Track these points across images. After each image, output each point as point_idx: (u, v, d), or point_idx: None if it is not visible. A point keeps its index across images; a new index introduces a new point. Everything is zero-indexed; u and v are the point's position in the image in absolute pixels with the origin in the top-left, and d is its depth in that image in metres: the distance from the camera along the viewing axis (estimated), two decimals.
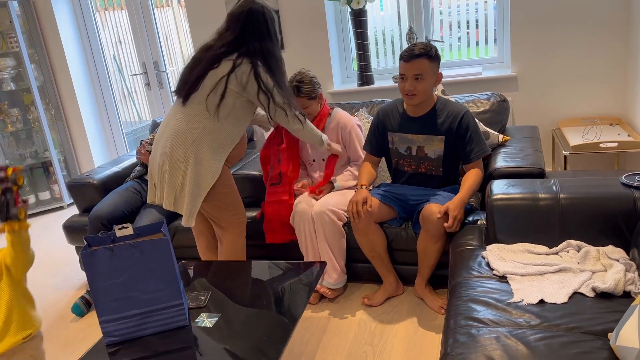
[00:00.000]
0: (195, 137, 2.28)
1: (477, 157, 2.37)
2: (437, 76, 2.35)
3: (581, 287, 1.69)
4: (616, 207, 1.90)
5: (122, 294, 1.67)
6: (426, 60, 2.27)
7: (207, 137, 2.29)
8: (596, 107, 3.44)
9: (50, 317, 2.84)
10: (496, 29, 3.67)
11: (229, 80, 2.24)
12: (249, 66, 2.23)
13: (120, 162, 3.42)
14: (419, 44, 2.30)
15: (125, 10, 4.60)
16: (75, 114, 4.72)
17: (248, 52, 2.27)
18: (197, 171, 2.28)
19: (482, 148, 2.38)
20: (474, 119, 2.39)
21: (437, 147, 2.41)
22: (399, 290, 2.58)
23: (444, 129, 2.38)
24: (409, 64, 2.28)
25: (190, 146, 2.27)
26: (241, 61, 2.24)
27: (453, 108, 2.38)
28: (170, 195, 2.33)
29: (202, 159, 2.28)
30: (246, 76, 2.24)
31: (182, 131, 2.29)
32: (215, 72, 2.25)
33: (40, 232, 4.16)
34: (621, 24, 3.22)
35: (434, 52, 2.29)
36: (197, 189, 2.30)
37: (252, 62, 2.25)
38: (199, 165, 2.28)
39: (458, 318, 1.62)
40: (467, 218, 2.39)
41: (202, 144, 2.28)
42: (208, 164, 2.29)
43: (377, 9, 3.95)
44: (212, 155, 2.30)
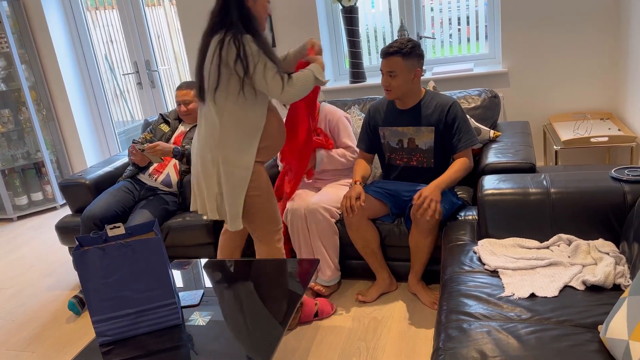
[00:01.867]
0: (217, 137, 2.12)
1: (465, 147, 2.40)
2: (414, 72, 2.36)
3: (572, 280, 1.70)
4: (606, 200, 1.91)
5: (114, 293, 1.66)
6: (399, 58, 2.30)
7: (228, 133, 2.11)
8: (587, 102, 3.46)
9: (43, 318, 2.83)
10: (487, 25, 3.68)
11: (214, 60, 2.05)
12: (230, 38, 2.02)
13: (113, 162, 3.41)
14: (397, 41, 2.33)
15: (116, 9, 4.58)
16: (67, 114, 4.70)
17: (230, 25, 2.05)
18: (230, 173, 2.12)
19: (470, 138, 2.40)
20: (462, 109, 2.42)
21: (427, 138, 2.43)
22: (393, 286, 2.59)
23: (433, 119, 2.41)
24: (384, 61, 2.35)
25: (216, 148, 2.12)
26: (225, 37, 2.03)
27: (441, 99, 2.43)
28: (212, 205, 2.19)
29: (231, 159, 2.12)
30: (229, 50, 2.02)
31: (205, 134, 2.15)
32: (208, 56, 2.09)
33: (33, 233, 4.14)
34: (611, 19, 3.24)
35: (408, 50, 2.30)
36: (233, 189, 2.13)
37: (233, 34, 2.02)
38: (230, 166, 2.12)
39: (450, 313, 1.63)
40: (458, 214, 2.41)
41: (227, 142, 2.11)
42: (239, 161, 2.12)
43: (369, 6, 3.95)
44: (240, 151, 2.12)
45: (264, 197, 2.21)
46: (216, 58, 2.04)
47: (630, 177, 1.95)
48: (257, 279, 2.00)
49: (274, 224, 2.28)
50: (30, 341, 2.64)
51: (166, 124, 3.12)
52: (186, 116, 3.03)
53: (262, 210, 2.22)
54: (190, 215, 2.88)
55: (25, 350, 2.57)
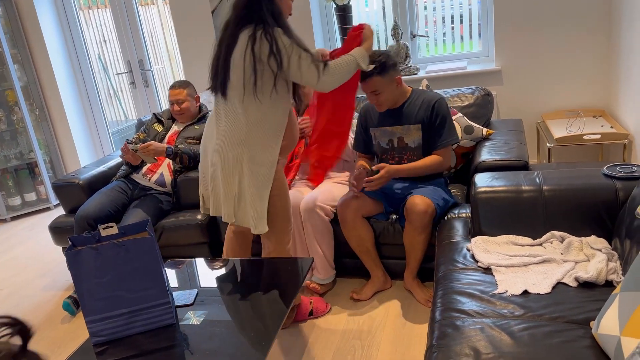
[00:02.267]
0: (242, 134, 2.03)
1: (442, 145, 2.43)
2: (395, 81, 2.39)
3: (564, 277, 1.71)
4: (598, 197, 1.92)
5: (108, 293, 1.66)
6: (377, 77, 2.32)
7: (254, 130, 2.03)
8: (580, 100, 3.47)
9: (38, 319, 2.83)
10: (480, 24, 3.69)
11: (247, 56, 1.98)
12: (262, 33, 1.96)
13: (106, 161, 3.40)
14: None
15: (109, 8, 4.57)
16: (60, 114, 4.68)
17: (259, 20, 1.99)
18: (255, 172, 2.04)
19: (449, 137, 2.43)
20: (447, 106, 2.44)
21: (415, 136, 2.45)
22: (387, 284, 2.59)
23: (420, 117, 2.44)
24: (363, 83, 2.35)
25: (239, 146, 2.03)
26: (250, 32, 1.98)
27: (427, 96, 2.45)
28: (229, 207, 2.10)
29: (256, 157, 2.04)
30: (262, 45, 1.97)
31: (226, 130, 2.05)
32: (236, 51, 2.00)
33: (27, 234, 4.12)
34: (604, 17, 3.25)
35: (382, 67, 2.31)
36: (259, 191, 2.05)
37: (264, 29, 1.97)
38: (254, 165, 2.04)
39: (443, 310, 1.64)
40: (452, 211, 2.41)
41: (252, 139, 2.03)
42: (263, 159, 2.05)
43: (362, 5, 3.95)
44: (264, 149, 2.05)
45: (283, 197, 2.16)
46: (249, 55, 1.97)
47: (622, 174, 1.96)
48: (251, 278, 2.00)
49: (288, 223, 2.22)
50: None
51: (160, 124, 3.12)
52: (179, 115, 3.02)
53: (280, 210, 2.16)
54: (184, 214, 2.88)
55: None
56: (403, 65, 3.71)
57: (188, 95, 3.02)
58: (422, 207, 2.26)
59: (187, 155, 2.83)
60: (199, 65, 4.19)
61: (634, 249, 1.66)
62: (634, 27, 2.83)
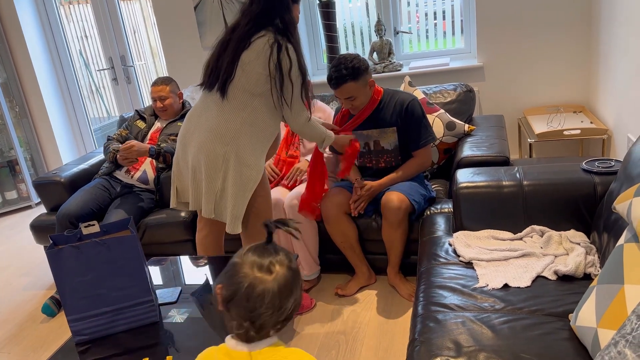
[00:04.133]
0: (234, 132, 2.04)
1: (421, 145, 2.44)
2: (368, 84, 2.38)
3: (544, 270, 1.74)
4: (577, 192, 1.96)
5: (90, 291, 1.65)
6: (351, 82, 2.31)
7: (247, 131, 2.05)
8: (561, 96, 3.52)
9: (19, 318, 2.79)
10: (462, 20, 3.72)
11: (259, 63, 2.01)
12: (276, 45, 2.00)
13: (88, 159, 3.36)
14: (341, 66, 2.30)
15: (90, 3, 4.51)
16: (40, 111, 4.61)
17: (277, 29, 2.04)
18: (240, 172, 2.05)
19: (426, 137, 2.45)
20: (420, 106, 2.44)
21: (391, 138, 2.46)
22: (372, 279, 2.61)
23: (394, 119, 2.44)
24: (337, 90, 2.34)
25: (229, 144, 2.04)
26: (270, 40, 2.01)
27: (400, 97, 2.46)
28: (209, 202, 2.09)
29: (244, 158, 2.05)
30: (283, 59, 2.02)
31: (217, 127, 2.05)
32: (247, 54, 2.02)
33: (7, 233, 4.07)
34: (584, 14, 3.30)
35: (356, 72, 2.30)
36: (242, 192, 2.06)
37: (278, 40, 2.01)
38: (241, 166, 2.05)
39: (426, 304, 1.66)
40: (434, 206, 2.44)
41: (242, 140, 2.05)
42: (250, 161, 2.06)
43: (346, 1, 3.95)
44: (253, 152, 2.07)
45: (267, 198, 2.20)
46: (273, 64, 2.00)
47: (601, 169, 1.99)
48: None
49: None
50: (6, 342, 2.60)
51: (142, 120, 3.09)
52: (162, 112, 3.00)
53: (263, 212, 2.18)
54: (167, 212, 2.86)
55: (1, 351, 2.53)
56: (386, 62, 3.72)
57: (171, 91, 2.99)
58: (396, 203, 2.28)
59: (170, 153, 2.81)
60: (182, 61, 4.16)
61: (611, 242, 1.69)
62: (614, 23, 2.87)
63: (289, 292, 1.01)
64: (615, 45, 2.85)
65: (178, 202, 2.28)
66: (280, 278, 1.00)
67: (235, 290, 1.00)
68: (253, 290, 0.99)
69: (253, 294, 0.99)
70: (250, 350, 1.02)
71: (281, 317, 1.02)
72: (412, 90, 2.93)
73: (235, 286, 1.00)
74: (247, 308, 0.99)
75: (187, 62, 4.15)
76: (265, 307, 0.99)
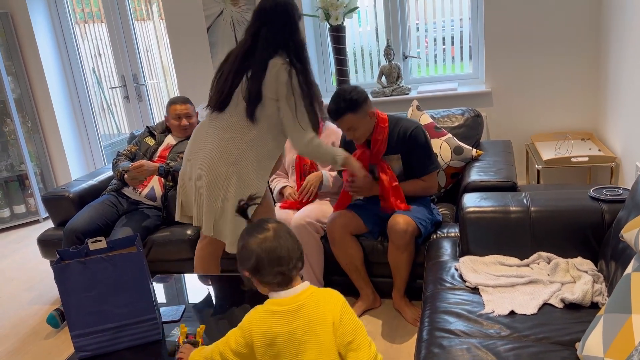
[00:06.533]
0: (237, 153, 2.07)
1: (424, 173, 2.44)
2: (369, 114, 2.36)
3: (551, 298, 1.72)
4: (585, 219, 1.95)
5: (94, 307, 1.65)
6: (350, 114, 2.30)
7: (251, 153, 2.08)
8: (568, 122, 3.52)
9: (22, 333, 2.79)
10: (471, 46, 3.76)
11: (266, 86, 2.04)
12: (285, 69, 2.04)
13: (97, 175, 3.39)
14: (340, 98, 2.31)
15: (104, 23, 4.60)
16: (52, 126, 4.67)
17: (288, 51, 2.07)
18: (242, 193, 2.07)
19: (429, 165, 2.43)
20: (423, 134, 2.42)
21: (396, 165, 2.46)
22: (376, 303, 2.59)
23: (398, 146, 2.43)
24: (338, 122, 2.35)
25: (232, 165, 2.07)
26: (280, 64, 2.04)
27: (403, 125, 2.43)
28: (209, 220, 2.12)
29: (246, 179, 2.08)
30: (281, 80, 2.04)
31: (221, 147, 2.08)
32: (251, 76, 2.06)
33: (14, 246, 4.09)
34: (592, 41, 3.32)
35: (354, 104, 2.29)
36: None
37: (286, 63, 2.05)
38: (243, 187, 2.07)
39: (431, 329, 1.64)
40: (440, 230, 2.43)
41: (245, 161, 2.07)
42: (252, 182, 2.08)
43: (356, 25, 4.01)
44: (256, 174, 2.09)
45: (271, 214, 2.26)
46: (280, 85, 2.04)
47: (609, 196, 1.98)
48: (238, 295, 1.99)
49: None
50: (8, 356, 2.59)
51: (152, 137, 3.12)
52: (184, 130, 3.01)
53: None
54: (173, 230, 2.87)
55: None
56: (395, 85, 3.76)
57: (193, 110, 3.05)
58: (402, 225, 2.28)
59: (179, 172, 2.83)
60: (193, 81, 4.22)
61: (619, 271, 1.68)
62: (622, 52, 2.89)
63: (286, 238, 1.35)
64: (624, 73, 2.86)
65: (182, 215, 2.31)
66: (275, 234, 1.34)
67: (255, 264, 1.31)
68: (267, 254, 1.30)
69: (268, 256, 1.30)
70: (292, 294, 1.32)
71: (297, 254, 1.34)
72: (420, 115, 2.95)
73: (252, 261, 1.31)
74: (271, 265, 1.31)
75: (199, 82, 4.20)
76: (278, 258, 1.31)
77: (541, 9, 3.33)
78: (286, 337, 1.29)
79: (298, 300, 1.31)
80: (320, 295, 1.33)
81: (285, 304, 1.31)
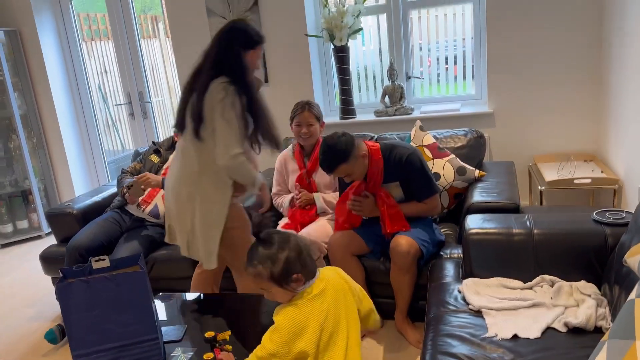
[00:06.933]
0: (196, 174, 2.15)
1: (425, 197, 2.44)
2: (361, 157, 2.36)
3: (554, 322, 1.72)
4: (588, 243, 1.94)
5: (96, 327, 1.65)
6: (343, 165, 2.31)
7: (206, 171, 2.14)
8: (571, 144, 3.53)
9: (23, 349, 2.78)
10: (474, 66, 3.79)
11: (205, 105, 2.10)
12: (223, 87, 2.08)
13: (101, 191, 3.40)
14: (327, 155, 2.30)
15: (111, 40, 4.66)
16: (57, 142, 4.70)
17: (227, 73, 2.13)
18: (207, 209, 2.14)
19: (429, 189, 2.44)
20: (419, 159, 2.42)
21: (396, 192, 2.46)
22: None
23: (396, 174, 2.44)
24: (332, 174, 2.36)
25: (193, 184, 2.15)
26: (220, 84, 2.09)
27: (398, 152, 2.43)
28: (183, 241, 2.23)
29: (208, 196, 2.14)
30: (217, 98, 2.09)
31: (183, 170, 2.18)
32: (196, 96, 2.13)
33: (16, 262, 4.08)
34: (594, 63, 3.35)
35: (342, 155, 2.29)
36: (208, 229, 2.15)
37: (225, 82, 2.09)
38: (207, 203, 2.14)
39: (434, 353, 1.63)
40: (443, 251, 2.43)
41: (205, 179, 2.14)
42: (215, 197, 2.15)
43: (359, 44, 4.05)
44: (216, 189, 2.15)
45: (243, 229, 2.25)
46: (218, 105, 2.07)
47: (612, 220, 1.98)
48: (241, 314, 1.99)
49: None
50: None
51: (157, 154, 3.13)
52: None
53: (240, 243, 2.24)
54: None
55: None
56: (398, 105, 3.78)
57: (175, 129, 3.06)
58: (405, 247, 2.27)
59: None
60: None
61: (623, 295, 1.67)
62: (625, 73, 2.91)
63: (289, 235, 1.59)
64: (627, 95, 2.88)
65: (170, 238, 2.39)
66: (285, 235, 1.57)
67: (301, 261, 1.53)
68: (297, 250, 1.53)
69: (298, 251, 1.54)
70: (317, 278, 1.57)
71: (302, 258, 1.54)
72: (423, 135, 2.96)
73: (297, 262, 1.52)
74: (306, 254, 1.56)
75: None
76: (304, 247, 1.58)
77: (543, 31, 3.37)
78: (332, 312, 1.53)
79: (322, 281, 1.56)
80: (327, 271, 1.62)
81: (317, 287, 1.54)
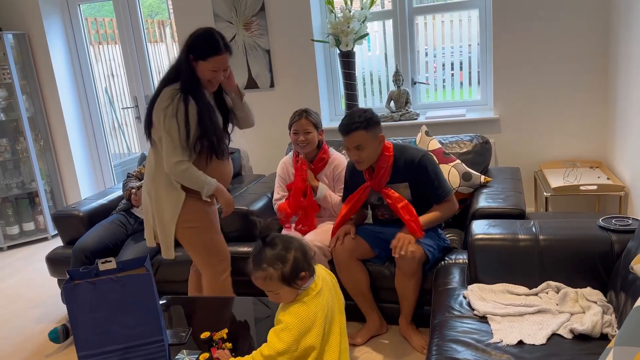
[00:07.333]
0: (151, 173, 2.31)
1: (441, 199, 2.42)
2: (379, 139, 2.36)
3: (559, 328, 1.71)
4: (594, 249, 1.94)
5: (102, 328, 1.66)
6: (362, 131, 2.30)
7: (161, 172, 2.28)
8: (577, 150, 3.53)
9: (28, 350, 2.79)
10: (479, 71, 3.79)
11: (155, 111, 2.20)
12: (170, 95, 2.17)
13: (107, 194, 3.42)
14: (355, 114, 2.33)
15: (119, 44, 4.69)
16: (64, 145, 4.73)
17: (182, 82, 2.20)
18: (157, 207, 2.31)
19: (443, 191, 2.42)
20: (431, 161, 2.42)
21: (403, 193, 2.44)
22: (383, 329, 2.57)
23: (405, 175, 2.42)
24: (347, 137, 2.33)
25: (149, 183, 2.32)
26: (169, 91, 2.17)
27: (410, 153, 2.42)
28: (150, 234, 2.40)
29: (159, 195, 2.29)
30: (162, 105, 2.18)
31: (147, 169, 2.35)
32: (156, 103, 2.21)
33: (22, 264, 4.10)
34: (601, 69, 3.34)
35: (368, 121, 2.31)
36: (162, 225, 2.32)
37: (174, 90, 2.18)
38: (158, 202, 2.30)
39: (439, 358, 1.63)
40: (448, 256, 2.42)
41: (158, 179, 2.29)
42: (166, 197, 2.28)
43: (365, 50, 4.06)
44: (167, 188, 2.28)
45: (199, 229, 2.33)
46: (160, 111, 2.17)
47: (618, 226, 1.98)
48: (247, 317, 1.99)
49: (214, 256, 2.39)
50: None
51: None
52: None
53: (198, 242, 2.35)
54: (181, 250, 2.87)
55: None
56: (403, 111, 3.79)
57: None
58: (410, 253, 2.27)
59: None
60: None
61: (629, 302, 1.66)
62: (631, 80, 2.91)
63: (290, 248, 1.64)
64: (633, 101, 2.88)
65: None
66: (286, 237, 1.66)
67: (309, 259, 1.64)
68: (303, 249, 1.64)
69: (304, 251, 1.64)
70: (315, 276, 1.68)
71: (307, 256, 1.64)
72: (429, 140, 2.96)
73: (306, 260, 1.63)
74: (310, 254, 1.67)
75: None
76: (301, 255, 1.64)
77: (549, 36, 3.37)
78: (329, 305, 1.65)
79: (319, 277, 1.68)
80: (318, 268, 1.72)
81: (318, 284, 1.65)
